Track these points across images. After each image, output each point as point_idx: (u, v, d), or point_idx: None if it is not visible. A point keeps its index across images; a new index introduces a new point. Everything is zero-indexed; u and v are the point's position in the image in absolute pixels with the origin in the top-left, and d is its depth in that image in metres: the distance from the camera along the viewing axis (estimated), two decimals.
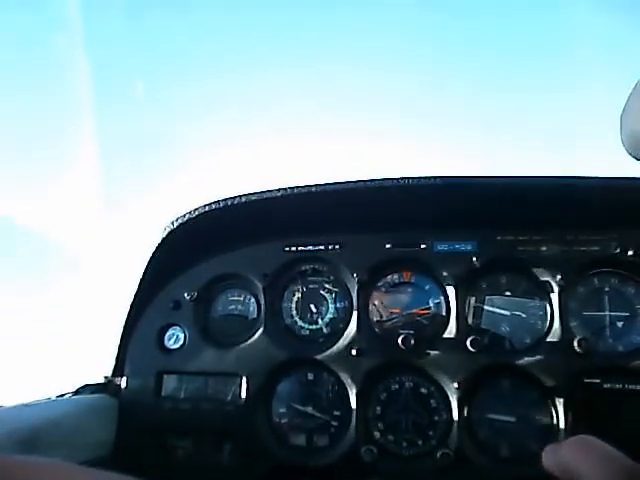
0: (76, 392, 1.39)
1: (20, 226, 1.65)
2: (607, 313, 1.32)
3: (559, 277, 1.31)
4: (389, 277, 1.43)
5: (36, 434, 1.09)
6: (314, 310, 1.45)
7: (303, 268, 1.46)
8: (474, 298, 1.38)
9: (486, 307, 1.37)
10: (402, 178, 1.30)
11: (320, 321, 1.44)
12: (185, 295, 1.43)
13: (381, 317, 1.41)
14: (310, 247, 1.44)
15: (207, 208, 1.36)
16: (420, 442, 1.31)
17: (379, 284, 1.43)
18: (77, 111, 1.80)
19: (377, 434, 1.32)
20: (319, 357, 1.37)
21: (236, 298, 1.48)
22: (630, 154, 0.95)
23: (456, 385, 1.29)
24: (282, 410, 1.38)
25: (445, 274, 1.38)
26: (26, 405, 1.21)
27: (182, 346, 1.44)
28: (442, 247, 1.39)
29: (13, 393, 1.28)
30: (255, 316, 1.45)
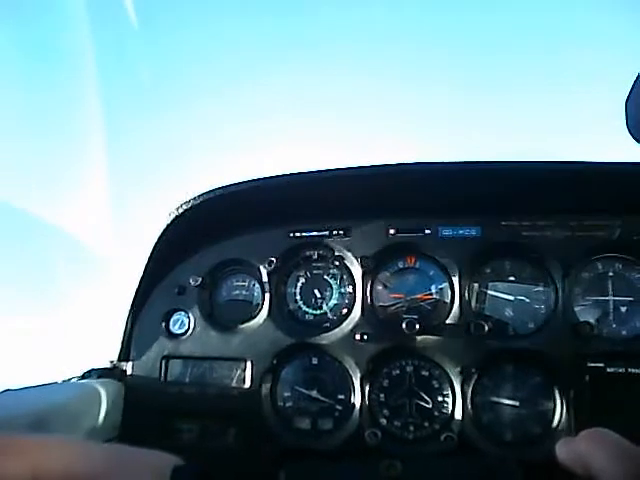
0: (82, 376, 1.40)
1: (24, 213, 1.65)
2: (611, 298, 1.33)
3: (563, 262, 1.31)
4: (393, 263, 1.43)
5: (42, 418, 1.10)
6: (318, 295, 1.45)
7: (307, 254, 1.47)
8: (478, 283, 1.39)
9: (490, 292, 1.38)
10: (406, 164, 1.30)
11: (324, 306, 1.44)
12: (190, 280, 1.44)
13: (385, 302, 1.41)
14: (314, 233, 1.44)
15: (212, 194, 1.36)
16: (424, 426, 1.31)
17: (383, 269, 1.43)
18: (85, 104, 1.81)
19: (381, 418, 1.33)
20: (323, 342, 1.38)
21: (241, 283, 1.49)
22: (635, 139, 0.95)
23: (459, 370, 1.30)
24: (287, 394, 1.39)
25: (449, 259, 1.38)
26: (33, 388, 1.22)
27: (187, 331, 1.44)
28: (446, 232, 1.39)
29: (20, 377, 1.29)
30: (259, 301, 1.46)
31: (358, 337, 1.34)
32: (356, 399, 1.34)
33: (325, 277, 1.46)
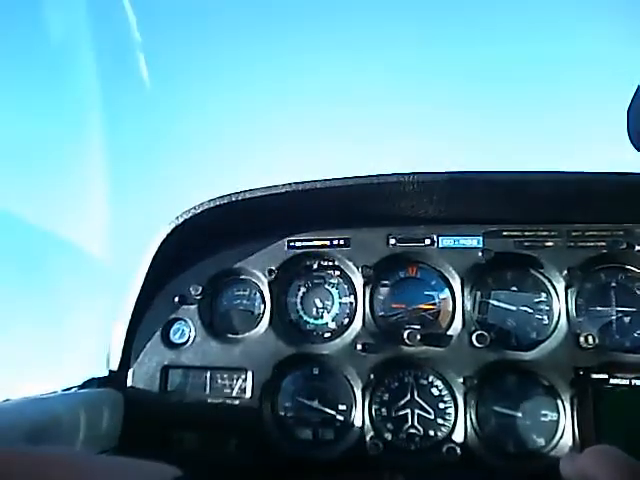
0: (82, 386, 1.39)
1: (22, 218, 1.64)
2: (614, 309, 1.32)
3: (565, 272, 1.30)
4: (394, 272, 1.43)
5: (42, 428, 1.09)
6: (319, 305, 1.45)
7: (308, 263, 1.46)
8: (480, 293, 1.38)
9: (492, 302, 1.37)
10: (407, 174, 1.30)
11: (325, 316, 1.44)
12: (191, 290, 1.43)
13: (386, 312, 1.41)
14: (315, 243, 1.44)
15: (213, 204, 1.36)
16: (426, 437, 1.31)
17: (384, 279, 1.43)
18: (83, 101, 1.80)
19: (383, 428, 1.33)
20: (324, 352, 1.37)
21: (241, 293, 1.48)
22: (637, 148, 0.94)
23: (462, 380, 1.29)
24: (288, 404, 1.38)
25: (451, 269, 1.38)
26: (32, 399, 1.21)
27: (188, 341, 1.44)
28: (447, 242, 1.39)
29: (19, 387, 1.28)
30: (260, 311, 1.45)
31: (359, 347, 1.33)
32: (357, 409, 1.33)
33: (326, 287, 1.46)
